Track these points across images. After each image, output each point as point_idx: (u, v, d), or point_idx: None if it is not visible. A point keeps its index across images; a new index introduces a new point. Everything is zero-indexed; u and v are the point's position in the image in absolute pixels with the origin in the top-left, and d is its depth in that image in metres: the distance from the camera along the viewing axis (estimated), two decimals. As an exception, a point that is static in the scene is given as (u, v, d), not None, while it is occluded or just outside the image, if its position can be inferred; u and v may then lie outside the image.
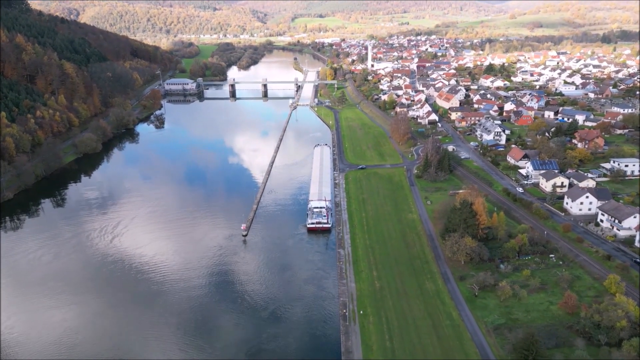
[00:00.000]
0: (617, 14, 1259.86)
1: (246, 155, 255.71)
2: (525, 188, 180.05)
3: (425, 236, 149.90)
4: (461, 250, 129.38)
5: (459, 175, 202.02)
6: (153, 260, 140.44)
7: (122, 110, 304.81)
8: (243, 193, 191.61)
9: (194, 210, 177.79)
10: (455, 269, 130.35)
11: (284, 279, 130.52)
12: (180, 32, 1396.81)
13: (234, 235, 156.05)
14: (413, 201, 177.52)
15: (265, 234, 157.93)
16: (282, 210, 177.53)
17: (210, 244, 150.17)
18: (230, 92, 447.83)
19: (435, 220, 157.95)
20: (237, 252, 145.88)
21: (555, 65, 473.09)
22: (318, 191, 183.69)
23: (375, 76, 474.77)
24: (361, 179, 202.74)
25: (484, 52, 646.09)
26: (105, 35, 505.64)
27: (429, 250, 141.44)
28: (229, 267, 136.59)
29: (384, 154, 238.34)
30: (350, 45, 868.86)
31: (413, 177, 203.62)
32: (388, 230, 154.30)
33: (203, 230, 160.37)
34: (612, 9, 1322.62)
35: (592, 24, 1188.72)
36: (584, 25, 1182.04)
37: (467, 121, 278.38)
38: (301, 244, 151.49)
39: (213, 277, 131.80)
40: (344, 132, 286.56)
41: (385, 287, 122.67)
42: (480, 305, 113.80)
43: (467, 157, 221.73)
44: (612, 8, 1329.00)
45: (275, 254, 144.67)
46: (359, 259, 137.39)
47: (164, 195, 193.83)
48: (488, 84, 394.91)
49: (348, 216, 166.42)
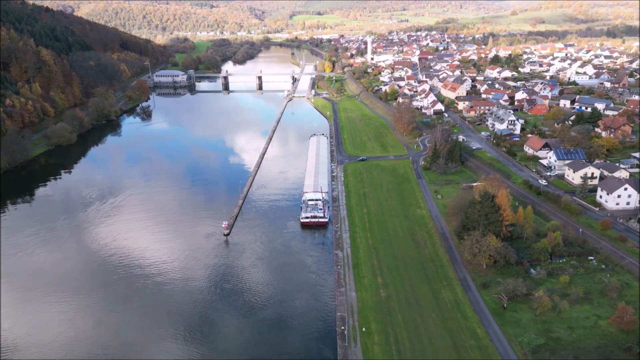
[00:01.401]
0: (619, 10, 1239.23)
1: (235, 147, 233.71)
2: (550, 180, 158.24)
3: (438, 235, 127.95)
4: (483, 252, 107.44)
5: (471, 167, 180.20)
6: (109, 265, 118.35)
7: (103, 101, 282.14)
8: (228, 187, 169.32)
9: (169, 207, 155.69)
10: (476, 274, 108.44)
11: (270, 287, 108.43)
12: (177, 29, 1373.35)
13: (214, 234, 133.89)
14: (421, 195, 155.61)
15: (250, 232, 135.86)
16: (272, 205, 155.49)
17: (183, 246, 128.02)
18: (223, 84, 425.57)
19: (448, 216, 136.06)
20: (215, 254, 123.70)
21: (564, 56, 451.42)
22: (313, 182, 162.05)
23: (375, 68, 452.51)
24: (362, 171, 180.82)
25: (487, 46, 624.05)
26: (93, 26, 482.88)
27: (443, 251, 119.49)
28: (204, 273, 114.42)
29: (387, 145, 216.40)
30: (349, 41, 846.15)
31: (420, 169, 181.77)
32: (394, 228, 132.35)
33: (177, 230, 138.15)
34: (615, 5, 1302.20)
35: (595, 20, 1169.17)
36: (586, 22, 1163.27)
37: (477, 110, 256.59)
38: (293, 243, 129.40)
39: (180, 287, 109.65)
40: (342, 123, 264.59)
41: (393, 296, 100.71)
42: (511, 320, 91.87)
43: (479, 147, 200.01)
44: (614, 4, 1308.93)
45: (261, 256, 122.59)
46: (360, 262, 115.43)
47: (136, 190, 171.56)
48: (495, 75, 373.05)
49: (347, 212, 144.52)
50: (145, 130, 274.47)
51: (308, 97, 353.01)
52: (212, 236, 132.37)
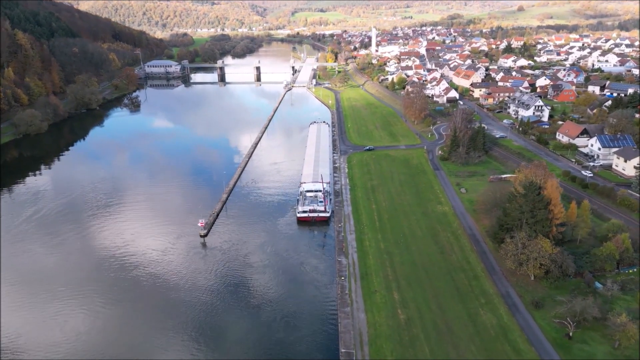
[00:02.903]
0: (628, 5, 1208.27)
1: (224, 138, 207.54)
2: (595, 171, 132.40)
3: (466, 236, 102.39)
4: (532, 260, 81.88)
5: (496, 157, 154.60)
6: (60, 269, 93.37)
7: (83, 88, 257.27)
8: (212, 181, 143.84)
9: (141, 203, 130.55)
10: (523, 288, 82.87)
11: (254, 307, 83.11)
12: (177, 25, 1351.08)
13: (187, 235, 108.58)
14: (441, 189, 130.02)
15: (234, 232, 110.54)
16: (263, 200, 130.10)
17: (151, 249, 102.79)
18: (219, 75, 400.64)
19: (477, 213, 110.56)
20: (189, 260, 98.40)
21: (581, 46, 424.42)
22: (313, 172, 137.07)
23: (380, 59, 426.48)
24: (369, 162, 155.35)
25: (497, 38, 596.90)
26: (83, 15, 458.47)
27: (475, 257, 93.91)
28: (171, 284, 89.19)
29: (396, 134, 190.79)
30: (352, 36, 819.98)
31: (437, 159, 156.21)
32: (411, 228, 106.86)
33: (146, 231, 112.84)
34: (623, 0, 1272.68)
35: (604, 15, 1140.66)
36: (595, 17, 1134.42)
37: (495, 98, 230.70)
38: (286, 245, 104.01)
39: (142, 304, 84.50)
40: (345, 112, 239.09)
41: (416, 319, 75.24)
42: (582, 356, 66.38)
43: (503, 135, 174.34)
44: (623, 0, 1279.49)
45: (245, 262, 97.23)
46: (370, 271, 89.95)
47: (105, 185, 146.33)
48: (509, 64, 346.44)
49: (352, 208, 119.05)
50: (128, 120, 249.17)
51: (309, 86, 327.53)
52: (184, 238, 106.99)
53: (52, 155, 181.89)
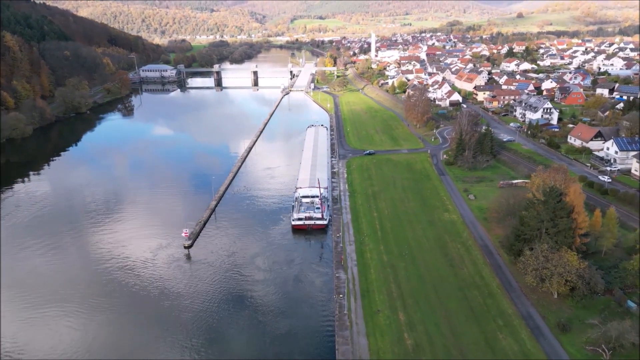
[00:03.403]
0: (628, 12, 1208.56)
1: (218, 143, 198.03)
2: (613, 176, 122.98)
3: (478, 248, 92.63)
4: (557, 275, 72.16)
5: (505, 161, 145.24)
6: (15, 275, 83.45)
7: (72, 91, 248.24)
8: (201, 188, 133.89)
9: (122, 211, 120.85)
10: (546, 307, 73.05)
11: (240, 331, 73.19)
12: (176, 32, 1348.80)
13: (169, 246, 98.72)
14: (447, 195, 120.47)
15: (222, 242, 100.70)
16: (256, 208, 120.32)
17: (130, 261, 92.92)
18: (215, 80, 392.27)
19: (489, 222, 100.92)
20: (169, 275, 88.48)
21: (585, 50, 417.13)
22: (309, 176, 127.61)
23: (380, 64, 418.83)
24: (369, 167, 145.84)
25: (498, 44, 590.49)
26: (77, 19, 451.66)
27: (489, 272, 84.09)
28: (150, 301, 79.29)
29: (398, 138, 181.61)
30: (351, 42, 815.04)
31: (442, 163, 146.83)
32: (416, 238, 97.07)
33: (125, 242, 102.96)
34: (623, 7, 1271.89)
35: (604, 22, 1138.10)
36: (595, 23, 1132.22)
37: (500, 101, 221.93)
38: (279, 255, 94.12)
39: (111, 327, 74.60)
40: (344, 115, 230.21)
41: (425, 346, 65.30)
42: (623, 391, 56.50)
43: (510, 139, 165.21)
44: (622, 7, 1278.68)
45: (232, 277, 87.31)
46: (372, 288, 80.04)
47: (85, 192, 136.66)
48: (512, 68, 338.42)
49: (352, 217, 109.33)
50: (118, 124, 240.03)
51: (307, 91, 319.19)
52: (166, 250, 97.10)
53: (33, 160, 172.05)
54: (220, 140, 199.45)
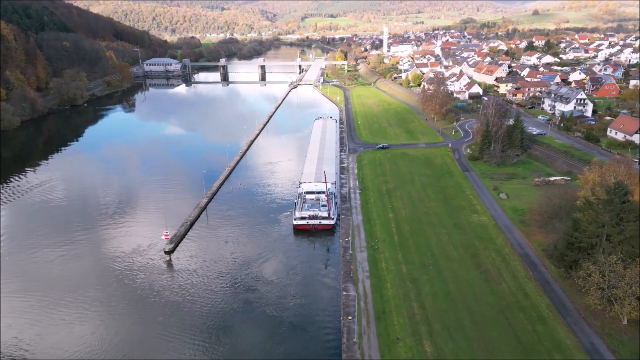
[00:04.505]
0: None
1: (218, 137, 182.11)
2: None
3: (517, 257, 76.19)
4: (630, 297, 55.65)
5: (538, 156, 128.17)
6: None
7: (68, 83, 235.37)
8: (195, 183, 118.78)
9: (102, 209, 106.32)
10: (616, 338, 56.48)
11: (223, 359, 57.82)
12: (186, 30, 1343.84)
13: (147, 250, 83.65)
14: (474, 194, 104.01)
15: (210, 247, 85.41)
16: (254, 205, 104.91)
17: (103, 268, 78.09)
18: (221, 74, 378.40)
19: (528, 226, 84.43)
20: (145, 284, 73.41)
21: (609, 44, 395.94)
22: (315, 170, 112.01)
23: (393, 58, 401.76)
24: (383, 162, 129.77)
25: (515, 39, 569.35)
26: (81, 12, 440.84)
27: (534, 288, 67.66)
28: (118, 315, 64.26)
29: (414, 131, 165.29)
30: (362, 38, 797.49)
31: (465, 158, 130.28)
32: (441, 245, 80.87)
33: (100, 244, 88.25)
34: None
35: (623, 20, 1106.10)
36: (613, 21, 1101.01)
37: (525, 93, 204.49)
38: (277, 262, 78.58)
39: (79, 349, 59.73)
40: (355, 108, 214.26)
41: (461, 390, 49.26)
42: None
43: (541, 132, 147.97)
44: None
45: (218, 290, 71.94)
46: (388, 308, 64.05)
47: (61, 186, 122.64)
48: (533, 61, 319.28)
49: (364, 218, 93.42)
50: (115, 117, 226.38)
51: (315, 84, 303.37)
52: (142, 255, 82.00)
53: (18, 154, 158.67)
54: (220, 134, 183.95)
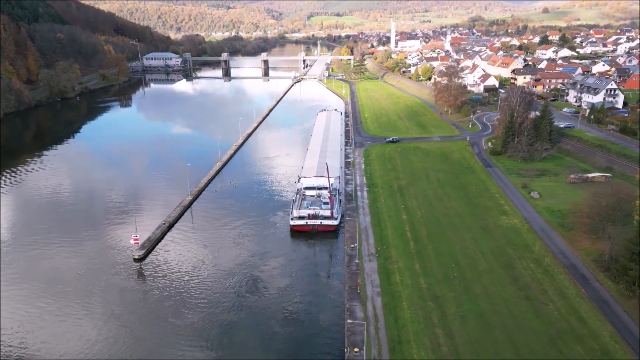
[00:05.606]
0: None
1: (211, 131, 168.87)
2: None
3: (562, 269, 61.96)
4: None
5: (569, 151, 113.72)
6: None
7: (59, 75, 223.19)
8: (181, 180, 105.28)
9: (73, 211, 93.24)
10: None
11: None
12: (192, 29, 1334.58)
13: (112, 257, 70.22)
14: (501, 192, 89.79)
15: (190, 253, 71.89)
16: (246, 204, 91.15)
17: (63, 273, 64.83)
18: (223, 69, 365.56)
19: (571, 231, 70.16)
20: (112, 296, 59.98)
21: (627, 38, 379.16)
22: (317, 165, 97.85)
23: (400, 53, 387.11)
24: (393, 157, 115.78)
25: (527, 34, 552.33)
26: (80, 5, 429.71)
27: (590, 310, 53.41)
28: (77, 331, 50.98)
29: (426, 125, 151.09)
30: (369, 36, 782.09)
31: (485, 153, 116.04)
32: (467, 253, 66.78)
33: (66, 248, 75.03)
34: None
35: (635, 17, 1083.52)
36: (625, 19, 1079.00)
37: (545, 85, 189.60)
38: (269, 272, 64.88)
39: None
40: (362, 101, 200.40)
41: None
42: None
43: (569, 125, 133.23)
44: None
45: (196, 309, 58.36)
46: (406, 336, 50.01)
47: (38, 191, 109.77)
48: (549, 55, 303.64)
49: (372, 220, 79.48)
50: (107, 111, 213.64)
51: (320, 79, 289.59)
52: (105, 265, 68.48)
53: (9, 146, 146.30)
54: (213, 128, 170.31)
